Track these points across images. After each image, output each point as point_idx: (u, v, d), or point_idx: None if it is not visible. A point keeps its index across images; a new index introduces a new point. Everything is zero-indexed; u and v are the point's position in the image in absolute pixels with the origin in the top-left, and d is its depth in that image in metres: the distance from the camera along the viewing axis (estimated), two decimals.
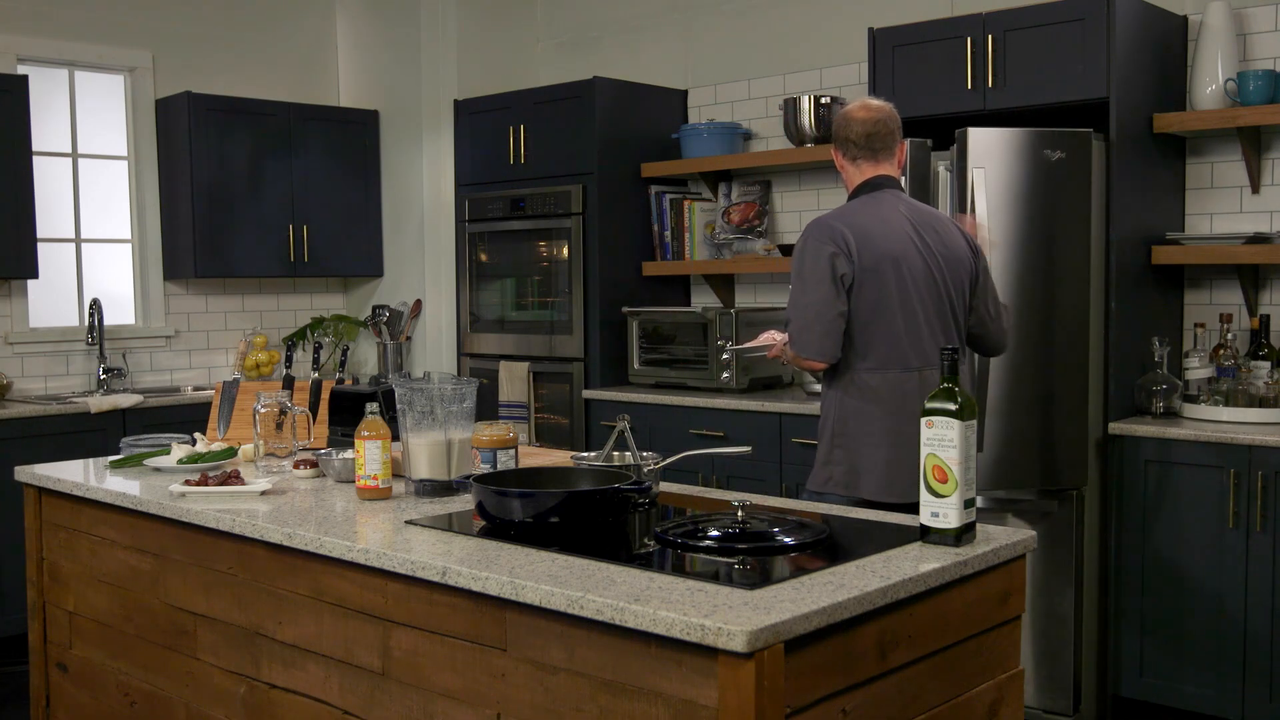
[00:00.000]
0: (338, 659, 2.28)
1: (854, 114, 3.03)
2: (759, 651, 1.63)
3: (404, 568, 2.08)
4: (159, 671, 2.74)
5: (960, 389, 2.06)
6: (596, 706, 1.84)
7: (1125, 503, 3.81)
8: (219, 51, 5.91)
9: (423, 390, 2.59)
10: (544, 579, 1.89)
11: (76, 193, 5.64)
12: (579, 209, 5.23)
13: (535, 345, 5.44)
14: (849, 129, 3.03)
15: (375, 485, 2.57)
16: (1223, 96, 3.96)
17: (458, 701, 2.06)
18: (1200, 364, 3.95)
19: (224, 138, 5.61)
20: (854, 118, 3.02)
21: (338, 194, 5.98)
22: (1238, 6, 4.05)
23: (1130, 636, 3.82)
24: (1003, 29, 4.00)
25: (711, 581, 1.85)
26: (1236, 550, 3.59)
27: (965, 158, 3.75)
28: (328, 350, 6.09)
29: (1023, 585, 2.18)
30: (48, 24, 5.42)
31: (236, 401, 3.39)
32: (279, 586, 2.40)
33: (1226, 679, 3.63)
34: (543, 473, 2.45)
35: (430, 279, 5.93)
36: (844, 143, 3.06)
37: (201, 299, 5.91)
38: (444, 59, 5.84)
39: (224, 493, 2.63)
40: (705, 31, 5.52)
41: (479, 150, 5.69)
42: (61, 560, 3.05)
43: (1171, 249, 3.98)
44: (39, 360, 5.37)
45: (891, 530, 2.24)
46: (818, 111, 4.89)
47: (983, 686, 2.08)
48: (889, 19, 4.46)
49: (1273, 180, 4.05)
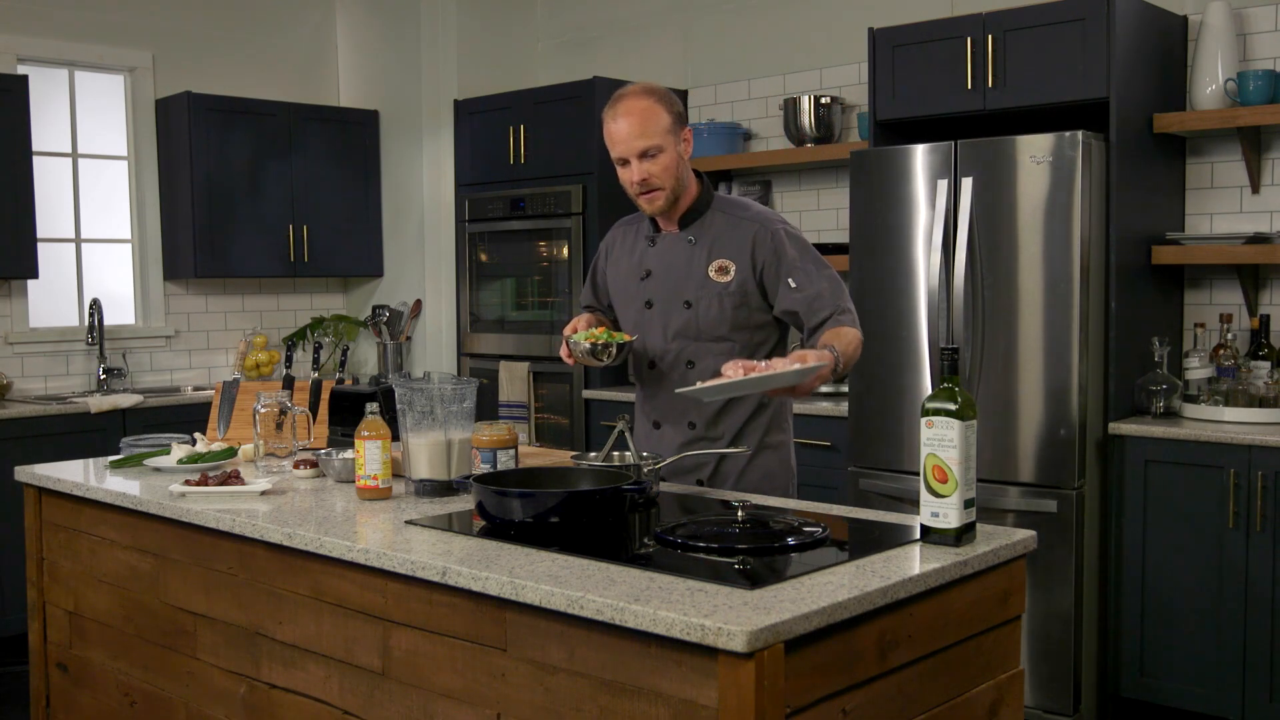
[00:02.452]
0: (338, 659, 2.28)
1: None
2: (759, 651, 1.63)
3: (404, 568, 2.08)
4: (159, 671, 2.74)
5: (960, 389, 2.06)
6: (596, 706, 1.84)
7: (1125, 503, 3.81)
8: (219, 51, 5.91)
9: (423, 390, 2.59)
10: (544, 579, 1.89)
11: (76, 193, 5.64)
12: (579, 209, 5.23)
13: (535, 345, 5.44)
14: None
15: (375, 485, 2.57)
16: (1223, 96, 3.96)
17: (458, 701, 2.06)
18: (1200, 364, 3.95)
19: (224, 138, 5.61)
20: None
21: (338, 194, 5.98)
22: (1238, 6, 4.05)
23: (1130, 636, 3.82)
24: (1003, 29, 4.00)
25: (711, 581, 1.85)
26: (1236, 550, 3.59)
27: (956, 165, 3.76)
28: (328, 350, 6.09)
29: (1023, 585, 2.18)
30: (48, 24, 5.42)
31: (236, 401, 3.39)
32: (279, 586, 2.40)
33: (1226, 679, 3.63)
34: (542, 473, 2.45)
35: (430, 279, 5.93)
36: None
37: (201, 299, 5.91)
38: (444, 59, 5.84)
39: (224, 493, 2.63)
40: (705, 31, 5.52)
41: (479, 150, 5.69)
42: (61, 560, 3.05)
43: (1171, 249, 3.98)
44: (39, 360, 5.37)
45: (891, 530, 2.24)
46: (818, 111, 4.90)
47: (983, 686, 2.08)
48: (889, 19, 4.46)
49: (1273, 180, 4.05)
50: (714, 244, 2.76)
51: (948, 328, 3.95)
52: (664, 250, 2.82)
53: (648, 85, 2.73)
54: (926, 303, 3.99)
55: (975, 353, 3.91)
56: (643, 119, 2.64)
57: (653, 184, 2.69)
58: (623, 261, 2.92)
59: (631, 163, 2.67)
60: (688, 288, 2.76)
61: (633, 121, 2.64)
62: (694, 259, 2.77)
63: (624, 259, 2.92)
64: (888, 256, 4.10)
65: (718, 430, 2.79)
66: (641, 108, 2.65)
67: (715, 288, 2.74)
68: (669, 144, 2.66)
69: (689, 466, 2.80)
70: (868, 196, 4.16)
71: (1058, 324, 3.77)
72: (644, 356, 2.86)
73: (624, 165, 2.70)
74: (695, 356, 2.78)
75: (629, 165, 2.68)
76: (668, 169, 2.68)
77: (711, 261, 2.75)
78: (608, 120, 2.69)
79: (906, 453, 4.04)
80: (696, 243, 2.78)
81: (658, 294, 2.81)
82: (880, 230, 4.12)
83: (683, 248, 2.79)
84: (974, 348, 3.91)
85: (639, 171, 2.67)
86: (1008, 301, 3.85)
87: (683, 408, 2.78)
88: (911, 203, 4.05)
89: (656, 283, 2.82)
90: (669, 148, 2.67)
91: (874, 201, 4.14)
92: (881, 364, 4.11)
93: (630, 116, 2.64)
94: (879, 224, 4.13)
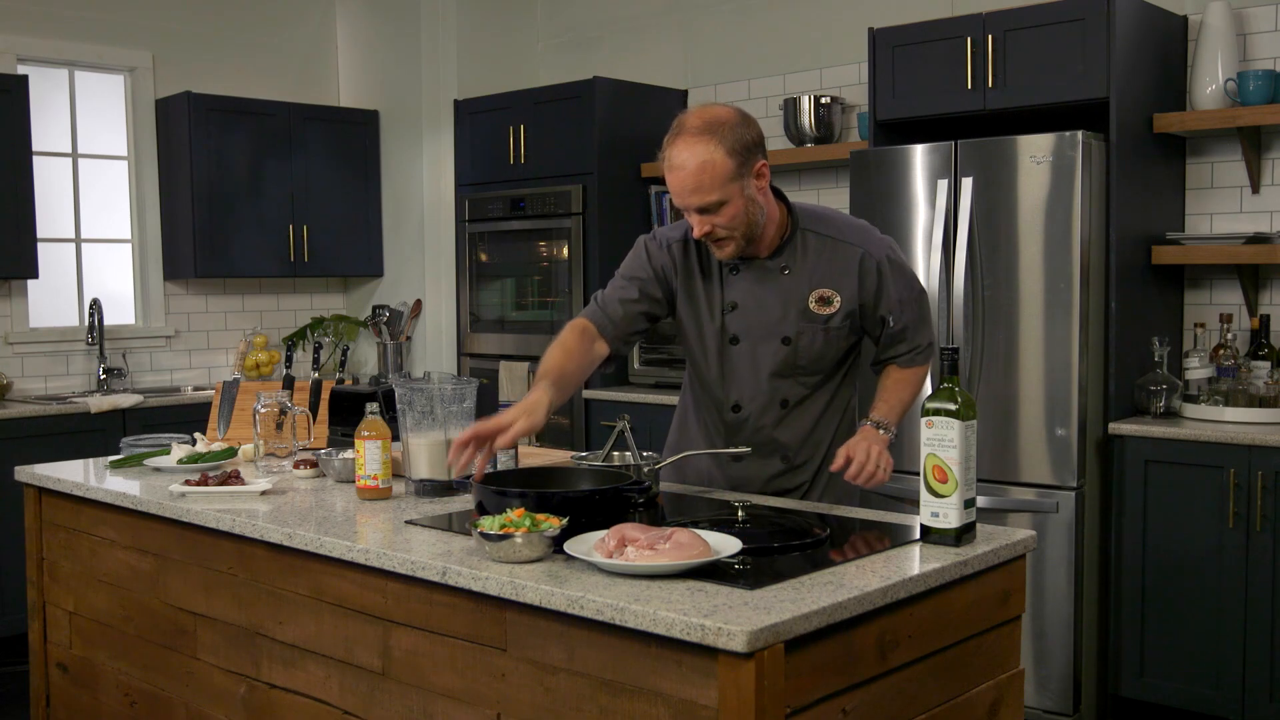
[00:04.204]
0: (338, 659, 2.28)
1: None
2: (759, 651, 1.63)
3: (404, 568, 2.08)
4: (159, 671, 2.74)
5: (960, 389, 2.06)
6: (596, 706, 1.84)
7: (1125, 503, 3.81)
8: (219, 51, 5.91)
9: (423, 390, 2.59)
10: (544, 579, 1.89)
11: (76, 193, 5.64)
12: (579, 209, 5.23)
13: (535, 345, 5.44)
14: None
15: (375, 485, 2.57)
16: (1223, 96, 3.96)
17: (458, 701, 2.06)
18: (1200, 364, 3.95)
19: (224, 138, 5.61)
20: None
21: (338, 194, 5.98)
22: (1238, 6, 4.05)
23: (1130, 636, 3.82)
24: (1003, 29, 4.00)
25: (711, 581, 1.85)
26: (1236, 550, 3.59)
27: (956, 165, 3.76)
28: (328, 350, 6.09)
29: (1023, 585, 2.18)
30: (48, 24, 5.42)
31: (236, 401, 3.39)
32: (279, 586, 2.40)
33: (1226, 679, 3.63)
34: (543, 473, 2.45)
35: (430, 279, 5.93)
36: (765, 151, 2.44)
37: (201, 299, 5.91)
38: (444, 59, 5.84)
39: (224, 493, 2.63)
40: (705, 31, 5.52)
41: (479, 150, 5.69)
42: (61, 560, 3.04)
43: (1171, 249, 3.98)
44: (39, 360, 5.37)
45: (891, 530, 2.24)
46: (818, 111, 4.90)
47: (983, 686, 2.08)
48: (889, 19, 4.46)
49: (1273, 180, 4.05)
50: (813, 272, 2.49)
51: (948, 328, 3.95)
52: (752, 279, 2.50)
53: (707, 118, 2.32)
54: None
55: (975, 353, 3.91)
56: (697, 174, 2.30)
57: (718, 235, 2.39)
58: (694, 287, 2.55)
59: (692, 214, 2.37)
60: (787, 323, 2.48)
61: (686, 176, 2.30)
62: (792, 289, 2.48)
63: (694, 283, 2.55)
64: None
65: (801, 457, 2.60)
66: (698, 160, 2.29)
67: (819, 320, 2.48)
68: (733, 193, 2.32)
69: (752, 477, 2.60)
70: (868, 196, 4.16)
71: (1058, 324, 3.77)
72: (725, 401, 2.58)
73: (686, 212, 2.39)
74: (790, 395, 2.54)
75: (689, 214, 2.38)
76: (735, 219, 2.35)
77: (813, 291, 2.48)
78: (663, 163, 2.35)
79: (906, 453, 4.04)
80: (792, 271, 2.48)
81: (748, 330, 2.51)
82: (880, 230, 4.11)
83: (776, 278, 2.49)
84: (974, 348, 3.91)
85: (700, 224, 2.37)
86: (1008, 301, 3.85)
87: (771, 446, 2.57)
88: (911, 203, 4.05)
89: (745, 316, 2.51)
90: (734, 196, 2.32)
91: (874, 201, 4.14)
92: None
93: (684, 170, 2.30)
94: (879, 224, 4.11)
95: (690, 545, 1.90)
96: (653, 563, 1.86)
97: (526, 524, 1.99)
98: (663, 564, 1.86)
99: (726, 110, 2.35)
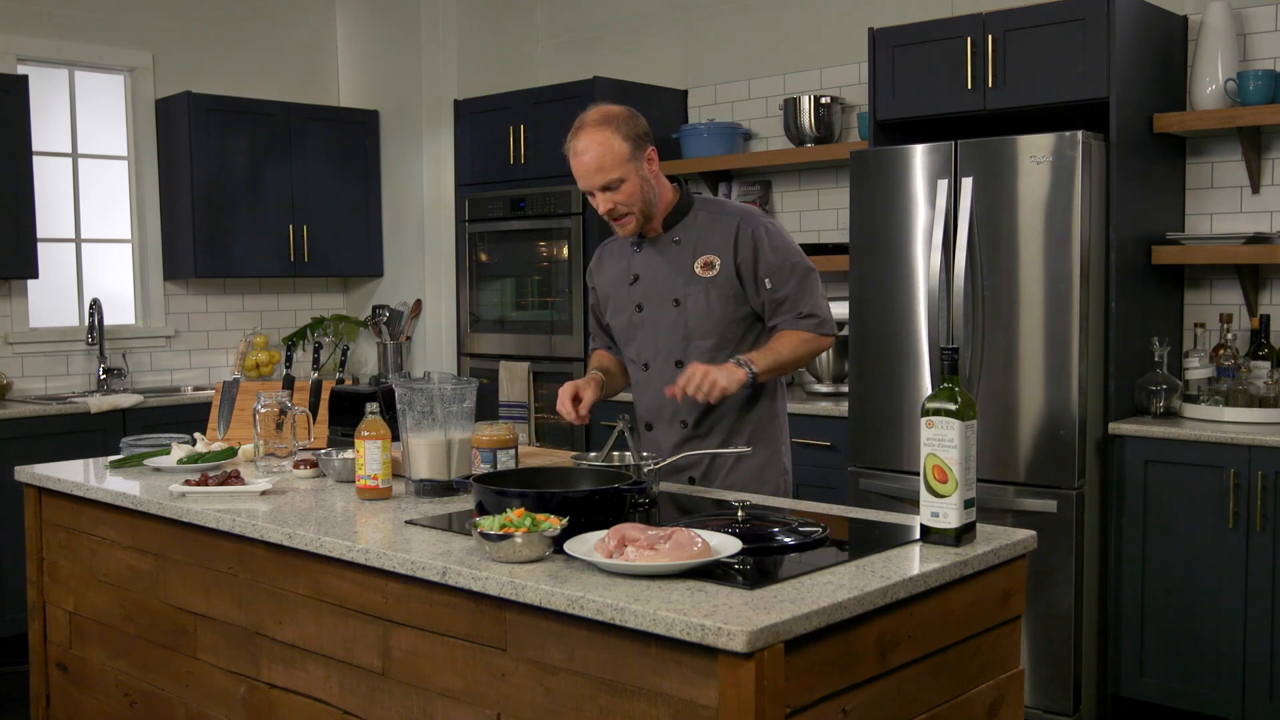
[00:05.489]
0: (338, 659, 2.28)
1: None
2: (759, 651, 1.63)
3: (404, 568, 2.08)
4: (159, 671, 2.74)
5: (960, 389, 2.06)
6: (596, 706, 1.84)
7: (1125, 503, 3.81)
8: (219, 51, 5.91)
9: (423, 390, 2.59)
10: (544, 579, 1.89)
11: (76, 193, 5.64)
12: (579, 209, 5.23)
13: (535, 345, 5.44)
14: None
15: (375, 485, 2.57)
16: (1223, 96, 3.96)
17: (458, 701, 2.06)
18: (1200, 364, 3.95)
19: (224, 138, 5.61)
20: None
21: (337, 194, 5.98)
22: (1238, 6, 4.05)
23: (1130, 636, 3.82)
24: (1003, 29, 4.00)
25: (711, 581, 1.85)
26: (1236, 550, 3.59)
27: (956, 165, 3.75)
28: (328, 350, 6.09)
29: (1023, 585, 2.18)
30: (48, 24, 5.42)
31: (236, 401, 3.39)
32: (279, 586, 2.40)
33: (1226, 679, 3.63)
34: (543, 473, 2.45)
35: (430, 279, 5.93)
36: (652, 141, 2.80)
37: (201, 299, 5.91)
38: (444, 59, 5.84)
39: (224, 493, 2.63)
40: (705, 31, 5.52)
41: (479, 150, 5.69)
42: (61, 560, 3.05)
43: (1171, 249, 3.98)
44: (39, 360, 5.37)
45: (891, 530, 2.24)
46: (818, 111, 4.90)
47: (983, 686, 2.08)
48: (889, 19, 4.46)
49: (1273, 180, 4.05)
50: (699, 241, 2.81)
51: (948, 328, 3.95)
52: (651, 253, 2.87)
53: (603, 113, 2.73)
54: (926, 303, 3.99)
55: (975, 353, 3.91)
56: (599, 154, 2.68)
57: (619, 211, 2.75)
58: (611, 271, 2.97)
59: (596, 195, 2.73)
60: (675, 286, 2.81)
61: (589, 158, 2.68)
62: (680, 257, 2.82)
63: (612, 268, 2.97)
64: (888, 257, 4.10)
65: (706, 427, 2.83)
66: (597, 142, 2.68)
67: (702, 283, 2.78)
68: (629, 172, 2.70)
69: (682, 465, 2.83)
70: (868, 196, 4.16)
71: (1058, 324, 3.77)
72: (638, 362, 2.91)
73: (591, 196, 2.76)
74: (684, 355, 2.82)
75: (595, 196, 2.75)
76: (632, 195, 2.73)
77: (697, 258, 2.80)
78: (569, 154, 2.73)
79: (906, 453, 4.04)
80: (682, 242, 2.83)
81: (647, 296, 2.86)
82: (880, 230, 4.12)
83: (669, 248, 2.84)
84: (974, 348, 3.91)
85: (604, 202, 2.74)
86: (1008, 301, 3.85)
87: (673, 408, 2.83)
88: (911, 203, 4.05)
89: (645, 285, 2.87)
90: (630, 175, 2.71)
91: (874, 201, 4.14)
92: (881, 364, 4.12)
93: (587, 153, 2.69)
94: (879, 224, 4.13)
95: (690, 545, 1.91)
96: (653, 563, 1.86)
97: (526, 524, 2.00)
98: (663, 564, 1.86)
99: (619, 107, 2.77)
